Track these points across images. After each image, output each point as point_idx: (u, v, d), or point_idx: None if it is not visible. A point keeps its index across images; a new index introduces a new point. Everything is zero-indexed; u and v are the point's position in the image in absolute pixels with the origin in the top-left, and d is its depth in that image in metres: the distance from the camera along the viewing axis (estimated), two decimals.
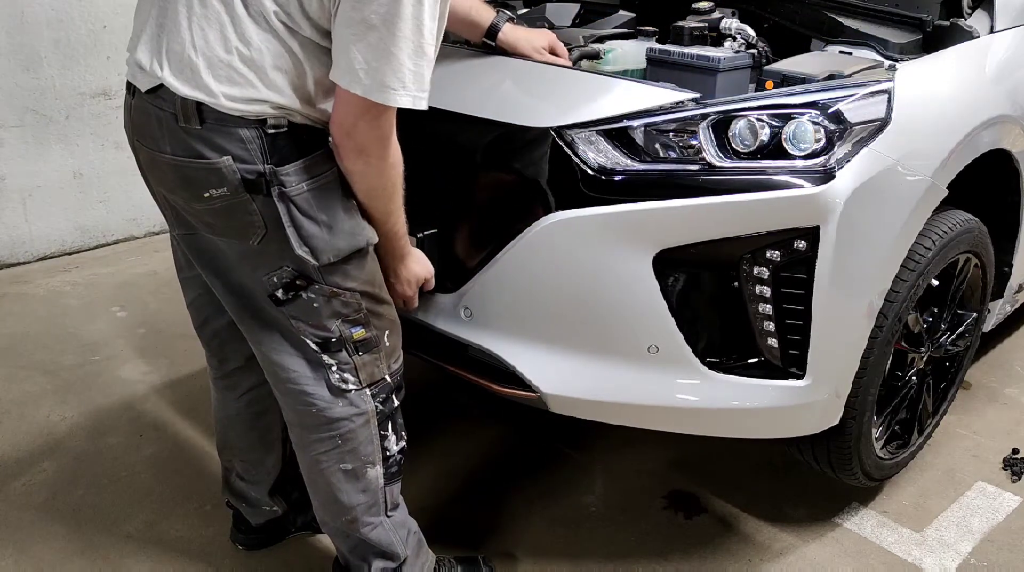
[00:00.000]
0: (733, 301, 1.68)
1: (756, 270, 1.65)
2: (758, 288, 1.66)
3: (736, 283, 1.67)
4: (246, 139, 1.37)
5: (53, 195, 3.51)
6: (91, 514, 2.09)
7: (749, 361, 1.73)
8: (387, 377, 1.60)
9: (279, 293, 1.47)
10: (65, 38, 3.39)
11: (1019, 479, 2.28)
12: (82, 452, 2.32)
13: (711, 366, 1.72)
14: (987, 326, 2.41)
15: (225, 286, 1.56)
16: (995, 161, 2.06)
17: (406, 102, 1.33)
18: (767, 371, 1.73)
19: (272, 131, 1.38)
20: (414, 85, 1.33)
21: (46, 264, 3.50)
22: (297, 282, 1.46)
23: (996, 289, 2.34)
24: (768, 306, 1.67)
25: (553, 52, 1.97)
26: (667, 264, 1.65)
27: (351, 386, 1.56)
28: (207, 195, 1.40)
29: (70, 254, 3.59)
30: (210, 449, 2.32)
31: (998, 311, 2.43)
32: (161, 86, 1.39)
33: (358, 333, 1.53)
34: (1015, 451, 2.37)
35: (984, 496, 2.22)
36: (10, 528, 2.04)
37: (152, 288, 3.26)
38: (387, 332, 1.58)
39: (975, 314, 2.27)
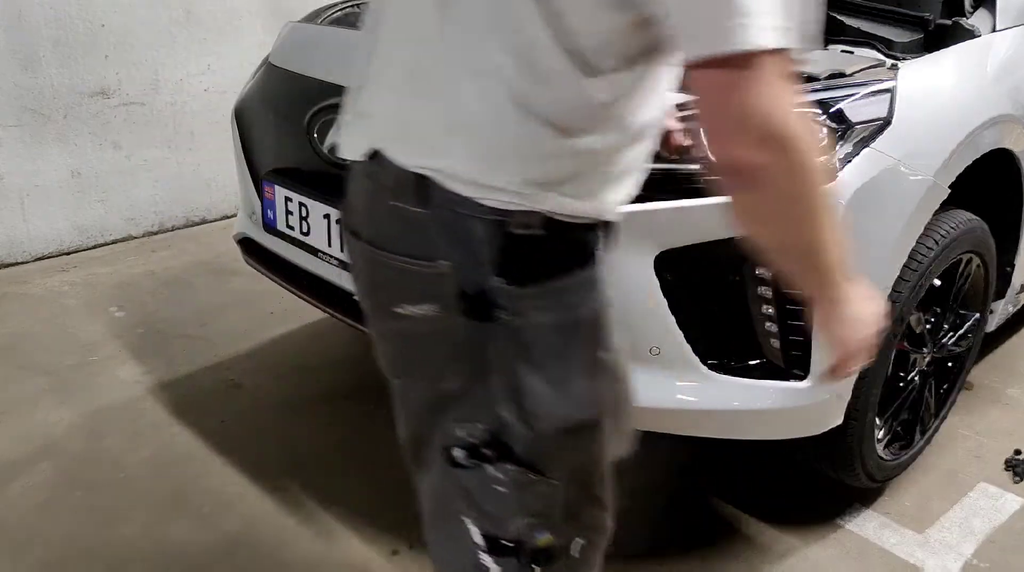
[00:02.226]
0: (735, 302, 1.67)
1: (758, 271, 1.64)
2: (760, 289, 1.65)
3: (738, 284, 1.66)
4: (477, 238, 0.94)
5: (51, 195, 3.50)
6: (89, 516, 2.08)
7: (751, 362, 1.72)
8: None
9: (458, 453, 1.04)
10: (63, 37, 3.37)
11: (1021, 480, 2.27)
12: (80, 453, 2.31)
13: (712, 367, 1.71)
14: (990, 326, 2.40)
15: (401, 394, 1.16)
16: (997, 161, 2.05)
17: (766, 39, 0.80)
18: (769, 372, 1.72)
19: (519, 232, 0.94)
20: (772, 13, 0.80)
21: (44, 264, 3.49)
22: (485, 451, 1.03)
23: (998, 289, 2.33)
24: (770, 307, 1.66)
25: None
26: (668, 265, 1.64)
27: None
28: (399, 311, 1.02)
29: (68, 254, 3.58)
30: (208, 451, 2.31)
31: (1000, 311, 2.42)
32: (379, 151, 1.01)
33: (543, 540, 1.07)
34: (1017, 452, 2.36)
35: (986, 497, 2.21)
36: (7, 530, 2.03)
37: (150, 288, 3.25)
38: (583, 545, 1.11)
39: (977, 314, 2.26)
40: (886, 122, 1.68)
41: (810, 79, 1.74)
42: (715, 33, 0.80)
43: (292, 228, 2.14)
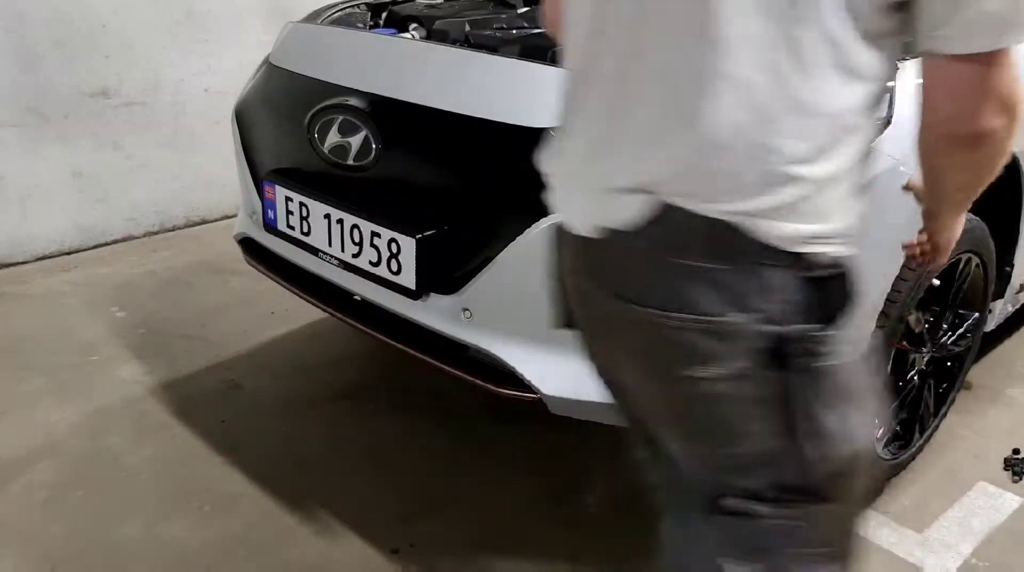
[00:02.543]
0: None
1: None
2: None
3: None
4: (777, 286, 0.91)
5: (52, 195, 3.50)
6: (89, 515, 2.08)
7: None
8: None
9: (729, 502, 1.02)
10: (64, 37, 3.38)
11: (1020, 479, 2.27)
12: (81, 453, 2.31)
13: None
14: (989, 326, 2.41)
15: (677, 453, 1.12)
16: None
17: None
18: None
19: (816, 274, 0.93)
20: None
21: (45, 264, 3.49)
22: (767, 496, 1.00)
23: (998, 289, 2.33)
24: None
25: None
26: None
27: None
28: (687, 374, 0.96)
29: (69, 254, 3.58)
30: (208, 450, 2.31)
31: (1000, 311, 2.42)
32: (669, 206, 0.93)
33: None
34: (1016, 451, 2.36)
35: (985, 496, 2.21)
36: (9, 529, 2.03)
37: (151, 288, 3.25)
38: None
39: (977, 314, 2.27)
40: (886, 122, 1.68)
41: None
42: (996, 31, 0.87)
43: (292, 228, 2.15)
